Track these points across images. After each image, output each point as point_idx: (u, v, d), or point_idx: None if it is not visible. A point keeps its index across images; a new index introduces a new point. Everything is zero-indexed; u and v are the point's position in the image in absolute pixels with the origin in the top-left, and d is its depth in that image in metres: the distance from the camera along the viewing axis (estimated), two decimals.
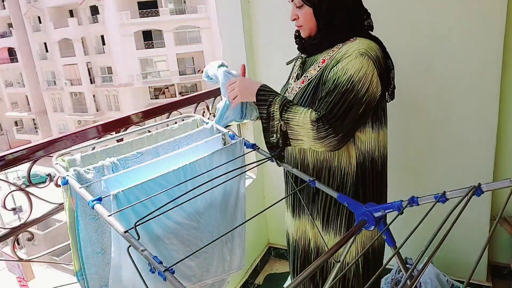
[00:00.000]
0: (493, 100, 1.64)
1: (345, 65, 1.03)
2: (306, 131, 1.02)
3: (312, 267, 0.71)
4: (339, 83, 1.02)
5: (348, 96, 1.00)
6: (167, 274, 0.69)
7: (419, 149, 1.86)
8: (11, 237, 1.14)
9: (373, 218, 0.90)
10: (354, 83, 1.01)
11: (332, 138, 1.01)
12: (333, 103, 1.01)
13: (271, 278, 2.26)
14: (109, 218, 0.84)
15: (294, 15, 1.14)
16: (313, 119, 1.01)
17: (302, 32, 1.18)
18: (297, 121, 1.03)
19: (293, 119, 1.04)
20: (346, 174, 1.15)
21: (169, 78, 21.60)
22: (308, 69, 1.18)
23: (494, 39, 1.57)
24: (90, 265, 1.05)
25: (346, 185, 1.16)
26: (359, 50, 1.04)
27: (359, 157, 1.14)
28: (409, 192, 1.21)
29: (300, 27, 1.16)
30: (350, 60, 1.03)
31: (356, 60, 1.02)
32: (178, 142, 1.20)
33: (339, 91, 1.01)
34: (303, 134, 1.03)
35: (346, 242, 0.90)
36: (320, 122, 1.00)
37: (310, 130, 1.01)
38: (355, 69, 1.01)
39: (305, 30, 1.15)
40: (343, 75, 1.02)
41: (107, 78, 21.91)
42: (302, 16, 1.12)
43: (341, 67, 1.04)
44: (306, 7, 1.10)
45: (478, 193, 0.77)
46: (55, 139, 1.16)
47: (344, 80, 1.02)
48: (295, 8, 1.13)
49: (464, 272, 1.88)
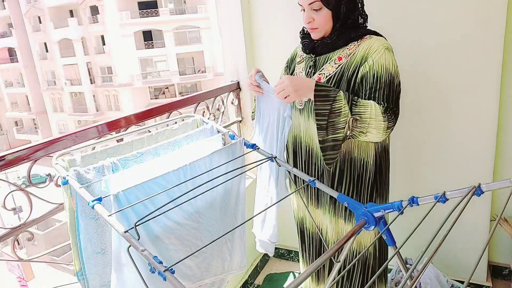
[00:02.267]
0: (493, 100, 1.64)
1: (377, 60, 1.12)
2: (377, 123, 1.07)
3: (312, 267, 0.71)
4: (381, 77, 1.11)
5: (393, 86, 1.11)
6: (167, 274, 0.69)
7: (419, 149, 1.86)
8: (11, 237, 1.13)
9: (373, 218, 0.90)
10: (392, 74, 1.12)
11: (394, 126, 1.11)
12: (386, 95, 1.10)
13: (271, 278, 2.26)
14: (109, 218, 0.84)
15: (310, 18, 1.17)
16: (383, 110, 1.08)
17: (316, 34, 1.20)
18: (370, 114, 1.07)
19: (364, 112, 1.07)
20: (366, 163, 1.23)
21: (169, 78, 21.58)
22: (322, 66, 1.22)
23: (494, 39, 1.56)
24: (90, 265, 1.05)
25: (366, 173, 1.24)
26: (383, 45, 1.14)
27: (377, 146, 1.23)
28: (409, 192, 1.21)
29: (315, 29, 1.19)
30: (380, 55, 1.12)
31: (386, 54, 1.12)
32: (178, 142, 1.20)
33: (385, 84, 1.10)
34: (374, 126, 1.08)
35: (346, 242, 0.90)
36: (388, 113, 1.08)
37: (381, 122, 1.07)
38: (389, 62, 1.12)
39: (320, 32, 1.19)
40: (382, 69, 1.11)
41: (107, 78, 21.90)
42: (319, 18, 1.16)
43: (375, 62, 1.12)
44: (325, 10, 1.14)
45: (478, 193, 0.78)
46: (55, 139, 1.16)
47: (384, 73, 1.11)
48: (310, 11, 1.16)
49: (464, 272, 1.87)
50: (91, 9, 21.29)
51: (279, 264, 2.38)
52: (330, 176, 1.26)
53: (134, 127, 1.40)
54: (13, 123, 25.98)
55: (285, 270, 2.32)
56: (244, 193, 1.28)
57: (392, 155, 1.36)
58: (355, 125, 1.08)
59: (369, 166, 1.24)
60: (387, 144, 1.29)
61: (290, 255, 2.39)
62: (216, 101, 1.95)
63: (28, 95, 24.45)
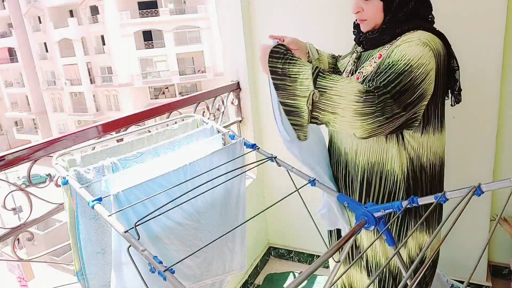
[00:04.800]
0: (493, 100, 1.64)
1: (403, 49, 0.94)
2: (348, 103, 0.87)
3: (312, 267, 0.71)
4: (395, 64, 0.92)
5: (404, 78, 0.90)
6: (167, 274, 0.69)
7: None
8: (11, 237, 1.13)
9: (373, 218, 0.90)
10: (412, 67, 0.90)
11: (377, 117, 0.87)
12: (388, 80, 0.89)
13: (271, 278, 2.26)
14: (109, 218, 0.84)
15: (359, 7, 1.05)
16: (361, 89, 0.87)
17: (365, 26, 1.07)
18: (338, 90, 0.88)
19: (331, 87, 0.89)
20: (398, 180, 1.07)
21: (169, 78, 21.59)
22: (363, 64, 1.10)
23: (494, 39, 1.56)
24: (90, 265, 1.05)
25: (399, 191, 1.08)
26: (420, 38, 0.95)
27: (411, 161, 1.06)
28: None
29: (364, 20, 1.06)
30: (410, 45, 0.94)
31: (417, 47, 0.93)
32: (178, 142, 1.20)
33: (395, 71, 0.91)
34: (344, 106, 0.88)
35: (346, 242, 0.90)
36: (371, 95, 0.87)
37: (354, 103, 0.86)
38: (414, 55, 0.92)
39: (369, 24, 1.06)
40: (401, 58, 0.93)
41: (107, 78, 21.90)
42: (369, 9, 1.03)
43: (398, 50, 0.95)
44: (375, 1, 1.01)
45: (478, 193, 0.77)
46: (55, 139, 1.16)
47: (401, 62, 0.92)
48: (360, 0, 1.04)
49: (464, 272, 1.87)
50: (91, 9, 21.30)
51: (279, 264, 2.39)
52: (359, 186, 1.13)
53: (134, 127, 1.40)
54: (13, 123, 25.98)
55: (285, 270, 2.32)
56: (244, 193, 1.28)
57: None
58: (318, 99, 0.90)
59: (400, 184, 1.07)
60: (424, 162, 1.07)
61: (290, 255, 2.39)
62: (216, 101, 1.95)
63: (28, 95, 24.45)
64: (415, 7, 1.02)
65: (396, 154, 1.05)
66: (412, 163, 1.05)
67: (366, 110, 0.86)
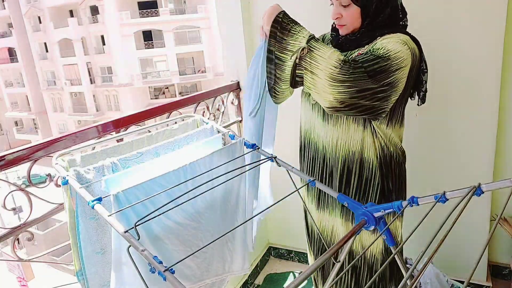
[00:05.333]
0: (493, 100, 1.64)
1: (383, 42, 1.04)
2: (327, 66, 0.98)
3: (312, 267, 0.71)
4: (375, 50, 1.02)
5: (382, 61, 0.99)
6: (167, 274, 0.69)
7: (419, 149, 1.85)
8: (11, 237, 1.13)
9: (373, 218, 0.90)
10: (390, 55, 1.00)
11: (349, 88, 0.97)
12: (365, 59, 1.00)
13: (271, 278, 2.26)
14: (109, 218, 0.84)
15: (338, 13, 1.13)
16: (342, 58, 0.99)
17: (344, 30, 1.16)
18: (323, 53, 1.00)
19: (319, 49, 1.01)
20: (374, 166, 1.18)
21: (169, 78, 21.59)
22: None
23: (494, 39, 1.56)
24: (90, 265, 1.05)
25: (375, 176, 1.19)
26: (400, 37, 1.05)
27: (382, 149, 1.17)
28: (409, 192, 1.21)
29: (343, 26, 1.15)
30: (390, 41, 1.04)
31: (397, 43, 1.03)
32: (178, 142, 1.20)
33: (374, 54, 1.01)
34: (322, 68, 0.99)
35: (346, 242, 0.90)
36: (348, 65, 0.98)
37: (331, 67, 0.98)
38: (394, 47, 1.01)
39: (348, 28, 1.14)
40: (381, 46, 1.02)
41: (107, 78, 21.90)
42: (348, 15, 1.11)
43: (379, 43, 1.05)
44: (354, 6, 1.09)
45: (478, 193, 0.78)
46: (55, 139, 1.16)
47: (381, 49, 1.02)
48: (339, 7, 1.12)
49: (464, 272, 1.87)
50: (91, 9, 21.29)
51: (279, 264, 2.39)
52: (339, 176, 1.22)
53: (134, 127, 1.40)
54: (13, 123, 25.98)
55: (285, 270, 2.32)
56: (245, 193, 1.28)
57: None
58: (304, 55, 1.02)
59: (376, 170, 1.19)
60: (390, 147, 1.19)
61: (290, 255, 2.39)
62: (216, 101, 1.95)
63: (28, 95, 24.45)
64: (391, 12, 1.11)
65: (371, 142, 1.16)
66: (382, 151, 1.17)
67: (339, 77, 0.97)
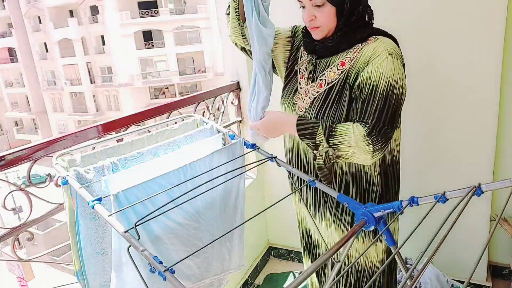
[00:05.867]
0: (493, 100, 1.64)
1: (377, 67, 0.99)
2: (360, 149, 0.98)
3: (312, 267, 0.71)
4: (378, 88, 0.99)
5: (391, 101, 0.98)
6: (167, 274, 0.69)
7: (419, 149, 1.85)
8: (11, 237, 1.13)
9: (373, 218, 0.90)
10: (392, 86, 0.98)
11: (385, 147, 0.99)
12: (379, 111, 0.98)
13: (271, 278, 2.26)
14: (109, 218, 0.84)
15: (312, 15, 1.05)
16: (365, 134, 0.97)
17: (319, 33, 1.08)
18: (349, 142, 0.98)
19: (343, 142, 0.99)
20: (372, 177, 1.15)
21: (169, 78, 21.59)
22: (324, 71, 1.11)
23: (494, 39, 1.56)
24: (90, 265, 1.05)
25: (373, 187, 1.16)
26: (388, 50, 1.00)
27: (381, 158, 1.13)
28: (409, 192, 1.21)
29: (317, 28, 1.07)
30: (382, 61, 0.99)
31: (388, 61, 0.99)
32: (178, 142, 1.20)
33: (380, 97, 0.98)
34: (358, 152, 0.98)
35: (346, 242, 0.90)
36: (374, 135, 0.97)
37: (365, 147, 0.97)
38: (389, 71, 0.98)
39: (323, 31, 1.07)
40: (380, 78, 0.99)
41: (107, 78, 21.90)
42: (322, 15, 1.03)
43: (373, 69, 1.00)
44: (328, 6, 1.02)
45: (478, 193, 0.77)
46: (55, 139, 1.16)
47: (382, 84, 0.98)
48: (312, 8, 1.04)
49: (464, 272, 1.87)
50: (91, 9, 21.29)
51: (279, 264, 2.39)
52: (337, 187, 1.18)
53: (134, 127, 1.41)
54: (13, 123, 25.98)
55: (285, 270, 2.32)
56: (244, 193, 1.28)
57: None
58: (334, 154, 1.01)
59: (376, 180, 1.15)
60: (394, 154, 1.18)
61: (290, 255, 2.39)
62: (216, 101, 1.95)
63: (28, 95, 24.45)
64: (364, 9, 1.06)
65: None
66: (384, 156, 1.14)
67: (376, 147, 0.97)
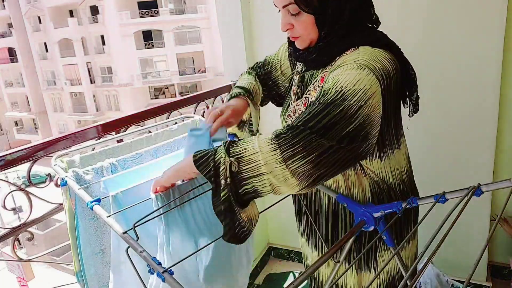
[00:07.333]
0: (493, 100, 1.64)
1: (336, 75, 0.80)
2: (266, 156, 0.73)
3: (312, 267, 0.71)
4: (326, 94, 0.78)
5: (333, 109, 0.75)
6: (166, 275, 0.69)
7: (418, 149, 1.85)
8: (11, 237, 1.14)
9: (372, 219, 0.90)
10: (345, 95, 0.76)
11: (305, 157, 0.72)
12: (311, 114, 0.76)
13: (271, 278, 2.26)
14: (108, 219, 0.84)
15: (288, 24, 0.89)
16: (271, 136, 0.75)
17: (301, 43, 0.92)
18: (253, 148, 0.74)
19: (246, 149, 0.75)
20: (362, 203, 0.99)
21: (169, 78, 21.62)
22: (308, 88, 0.97)
23: (494, 39, 1.56)
24: (89, 266, 1.05)
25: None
26: (357, 60, 0.80)
27: (373, 186, 0.94)
28: None
29: (297, 38, 0.91)
30: (345, 70, 0.80)
31: (352, 71, 0.78)
32: (177, 143, 1.20)
33: (323, 103, 0.77)
34: (264, 162, 0.73)
35: (345, 242, 0.90)
36: (282, 137, 0.73)
37: (271, 152, 0.73)
38: (348, 80, 0.77)
39: (305, 40, 0.90)
40: (333, 85, 0.79)
41: (107, 78, 21.94)
42: (299, 25, 0.88)
43: (331, 77, 0.81)
44: (305, 15, 0.85)
45: (478, 194, 0.77)
46: (55, 139, 1.16)
47: (332, 91, 0.77)
48: (288, 16, 0.88)
49: (464, 272, 1.87)
50: (91, 9, 21.33)
51: (279, 264, 2.39)
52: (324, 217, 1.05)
53: (134, 127, 1.40)
54: (13, 123, 26.02)
55: (285, 270, 2.32)
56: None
57: None
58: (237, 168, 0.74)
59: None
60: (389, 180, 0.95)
61: (290, 255, 2.39)
62: (216, 101, 1.95)
63: (28, 95, 24.49)
64: (353, 13, 0.85)
65: (355, 181, 0.95)
66: (378, 186, 0.95)
67: (286, 154, 0.72)
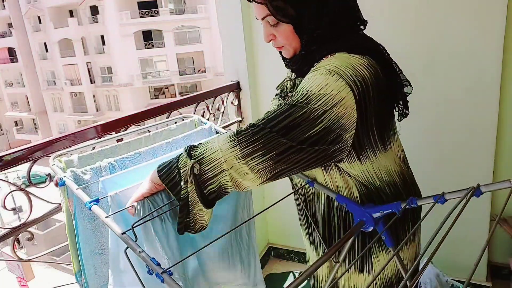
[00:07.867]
0: (493, 100, 1.64)
1: (305, 79, 0.82)
2: (226, 153, 0.75)
3: (312, 267, 0.71)
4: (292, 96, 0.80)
5: (296, 111, 0.76)
6: (165, 276, 0.69)
7: (418, 149, 1.85)
8: (11, 237, 1.13)
9: (371, 219, 0.90)
10: (309, 98, 0.76)
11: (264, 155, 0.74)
12: (274, 114, 0.77)
13: (271, 278, 2.26)
14: (107, 220, 0.84)
15: (270, 35, 0.91)
16: (231, 134, 0.77)
17: (286, 52, 0.94)
18: (213, 147, 0.77)
19: (206, 149, 0.77)
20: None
21: (169, 78, 21.63)
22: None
23: (494, 39, 1.56)
24: (89, 266, 1.04)
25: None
26: (328, 66, 0.79)
27: (360, 187, 0.93)
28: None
29: (281, 47, 0.93)
30: (314, 75, 0.80)
31: (321, 76, 0.78)
32: (176, 142, 1.20)
33: (287, 103, 0.78)
34: (224, 159, 0.75)
35: (345, 242, 0.90)
36: (243, 134, 0.76)
37: (231, 149, 0.75)
38: (315, 85, 0.77)
39: (288, 50, 0.92)
40: (300, 88, 0.80)
41: (107, 78, 21.94)
42: (280, 35, 0.89)
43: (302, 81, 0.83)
44: (284, 25, 0.87)
45: (477, 194, 0.77)
46: (55, 139, 1.16)
47: (298, 94, 0.79)
48: (268, 27, 0.89)
49: (464, 272, 1.87)
50: (91, 9, 21.33)
51: (279, 264, 2.38)
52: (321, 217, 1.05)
53: (134, 127, 1.40)
54: (13, 123, 26.03)
55: (285, 270, 2.32)
56: (243, 192, 1.28)
57: None
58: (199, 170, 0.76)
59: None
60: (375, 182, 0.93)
61: (290, 255, 2.39)
62: (216, 101, 1.95)
63: (28, 95, 24.49)
64: (331, 19, 0.84)
65: (341, 182, 0.95)
66: (365, 187, 0.93)
67: (245, 151, 0.75)
